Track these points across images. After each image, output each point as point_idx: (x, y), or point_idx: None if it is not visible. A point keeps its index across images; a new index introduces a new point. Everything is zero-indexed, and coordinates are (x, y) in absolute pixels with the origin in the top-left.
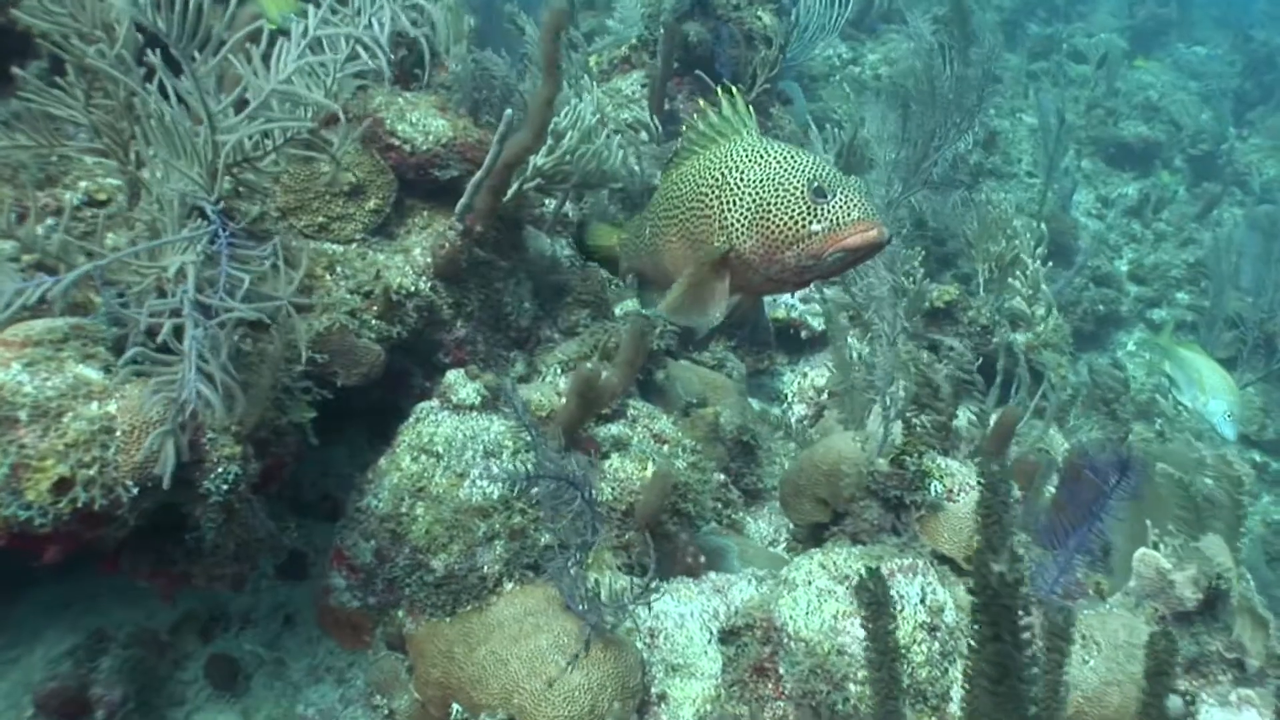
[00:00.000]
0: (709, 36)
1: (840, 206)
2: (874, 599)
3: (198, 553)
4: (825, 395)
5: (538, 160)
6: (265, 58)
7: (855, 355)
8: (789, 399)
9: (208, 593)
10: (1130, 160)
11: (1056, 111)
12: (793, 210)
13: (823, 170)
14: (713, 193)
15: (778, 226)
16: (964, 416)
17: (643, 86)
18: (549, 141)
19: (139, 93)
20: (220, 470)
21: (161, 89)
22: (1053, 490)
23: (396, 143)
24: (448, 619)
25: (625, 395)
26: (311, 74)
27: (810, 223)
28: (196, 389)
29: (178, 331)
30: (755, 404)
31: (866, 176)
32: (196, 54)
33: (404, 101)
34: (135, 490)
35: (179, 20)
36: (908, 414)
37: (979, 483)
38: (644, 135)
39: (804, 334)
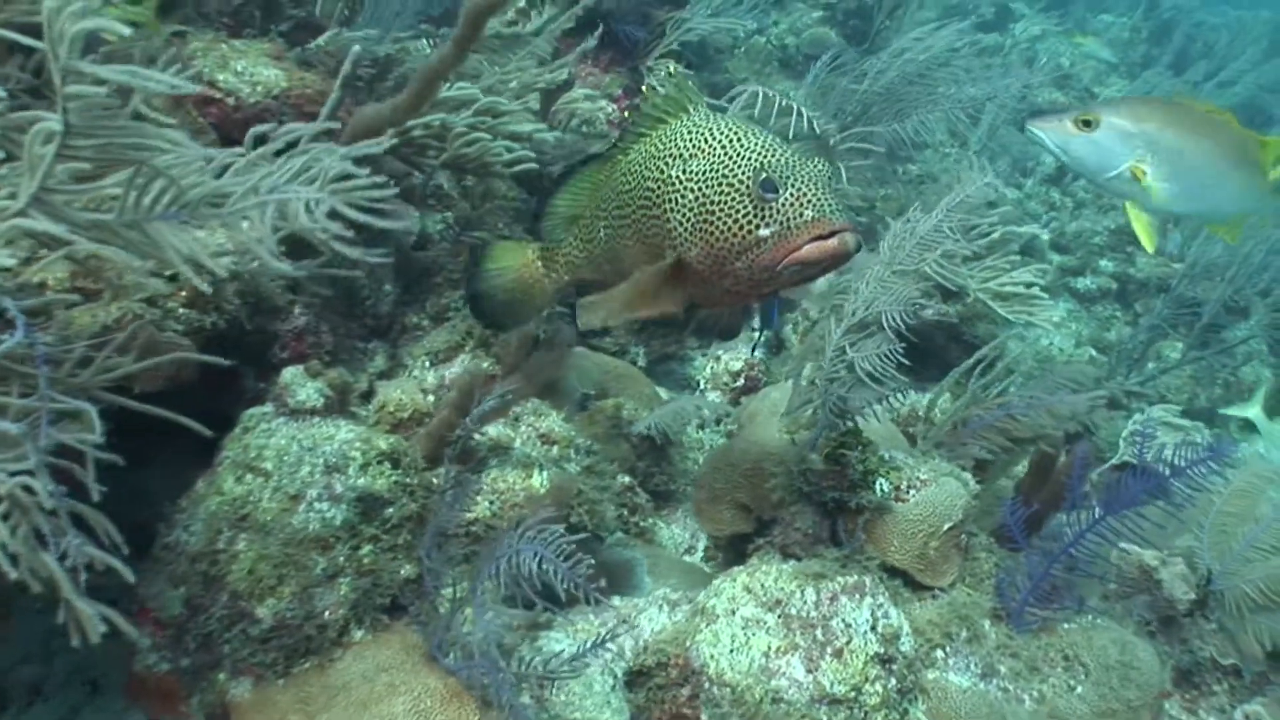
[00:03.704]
0: None
1: (791, 204)
2: None
3: None
4: (741, 380)
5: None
6: None
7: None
8: (701, 386)
9: None
10: None
11: (1018, 87)
12: (736, 211)
13: (774, 154)
14: (657, 188)
15: (722, 232)
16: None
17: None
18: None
19: None
20: None
21: None
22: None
23: (217, 95)
24: (280, 681)
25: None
26: None
27: (758, 226)
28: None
29: None
30: (663, 393)
31: None
32: None
33: (227, 48)
34: None
35: None
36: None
37: None
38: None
39: None
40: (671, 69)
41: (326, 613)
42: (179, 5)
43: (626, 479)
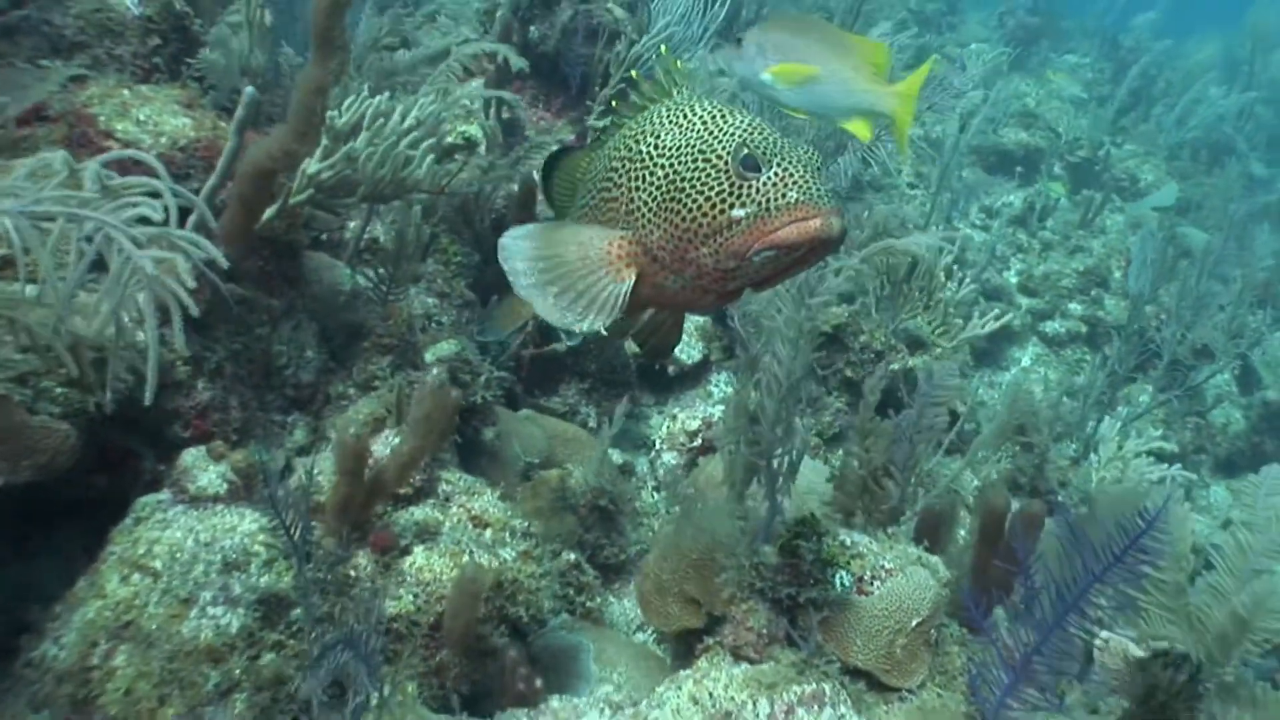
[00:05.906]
0: (552, 32)
1: (774, 184)
2: None
3: None
4: (699, 440)
5: (309, 166)
6: None
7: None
8: (657, 446)
9: None
10: (1012, 168)
11: (959, 116)
12: (709, 188)
13: (760, 134)
14: (622, 167)
15: (691, 211)
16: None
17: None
18: (325, 143)
19: None
20: None
21: None
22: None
23: (114, 146)
24: None
25: (435, 466)
26: None
27: (732, 206)
28: None
29: None
30: (617, 455)
31: None
32: None
33: (130, 94)
34: None
35: None
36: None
37: None
38: (481, 149)
39: (671, 369)
40: (663, 49)
41: None
42: (87, 47)
43: (572, 556)
